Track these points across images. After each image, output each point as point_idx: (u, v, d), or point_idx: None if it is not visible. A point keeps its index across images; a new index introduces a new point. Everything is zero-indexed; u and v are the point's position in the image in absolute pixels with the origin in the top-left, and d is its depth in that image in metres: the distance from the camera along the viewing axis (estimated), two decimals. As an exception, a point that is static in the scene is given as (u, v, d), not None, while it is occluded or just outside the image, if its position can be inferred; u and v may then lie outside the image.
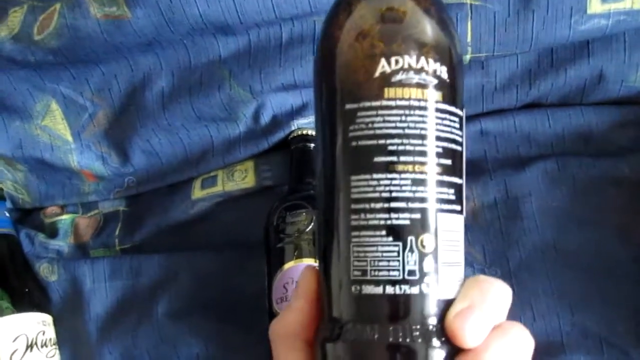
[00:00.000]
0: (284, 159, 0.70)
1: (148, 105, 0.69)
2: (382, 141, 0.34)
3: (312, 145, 0.68)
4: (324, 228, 0.36)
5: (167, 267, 0.69)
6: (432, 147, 0.34)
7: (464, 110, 0.36)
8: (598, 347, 0.58)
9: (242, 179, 0.71)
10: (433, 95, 0.34)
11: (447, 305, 0.34)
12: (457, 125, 0.35)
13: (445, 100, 0.34)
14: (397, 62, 0.34)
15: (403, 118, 0.33)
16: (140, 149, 0.71)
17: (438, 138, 0.34)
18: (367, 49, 0.34)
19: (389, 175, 0.33)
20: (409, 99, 0.34)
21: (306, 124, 0.69)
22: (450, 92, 0.35)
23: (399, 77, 0.34)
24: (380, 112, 0.34)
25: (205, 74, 0.67)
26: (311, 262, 0.60)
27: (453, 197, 0.35)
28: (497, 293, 0.34)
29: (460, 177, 0.35)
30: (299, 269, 0.60)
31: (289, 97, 0.68)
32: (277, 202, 0.64)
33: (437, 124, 0.34)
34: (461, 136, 0.36)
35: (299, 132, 0.68)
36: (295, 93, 0.68)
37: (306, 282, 0.36)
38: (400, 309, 0.33)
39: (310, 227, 0.61)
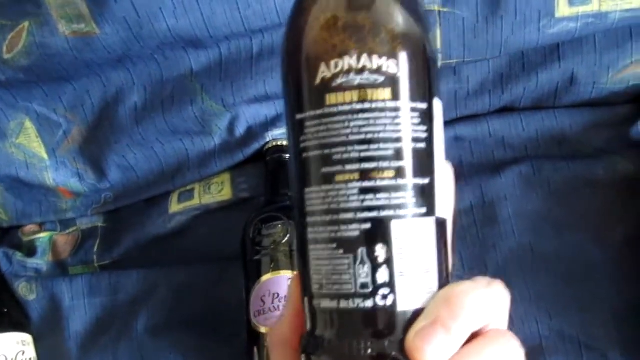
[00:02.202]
0: (259, 170, 0.70)
1: (122, 120, 0.69)
2: (327, 151, 0.32)
3: (288, 156, 0.67)
4: (295, 241, 0.35)
5: (145, 283, 0.69)
6: (380, 151, 0.31)
7: (432, 100, 0.33)
8: (577, 351, 0.58)
9: (218, 191, 0.70)
10: (380, 95, 0.31)
11: (412, 317, 0.31)
12: (417, 121, 0.32)
13: (397, 96, 0.31)
14: (336, 65, 0.31)
15: (346, 124, 0.31)
16: (116, 164, 0.71)
17: (388, 140, 0.31)
18: (307, 56, 0.33)
19: (336, 187, 0.32)
20: (351, 103, 0.31)
21: (281, 135, 0.68)
22: (405, 85, 0.32)
23: (340, 80, 0.31)
24: (324, 120, 0.32)
25: (177, 88, 0.67)
26: (288, 274, 0.60)
27: (413, 200, 0.32)
28: (473, 306, 0.31)
29: (425, 176, 0.32)
30: (276, 281, 0.60)
31: (262, 108, 0.68)
32: (253, 215, 0.64)
33: (386, 124, 0.31)
34: (426, 131, 0.32)
35: (274, 143, 0.68)
36: (269, 104, 0.68)
37: (294, 289, 0.36)
38: (354, 323, 0.32)
39: (287, 238, 0.61)
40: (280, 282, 0.60)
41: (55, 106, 0.70)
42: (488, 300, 0.31)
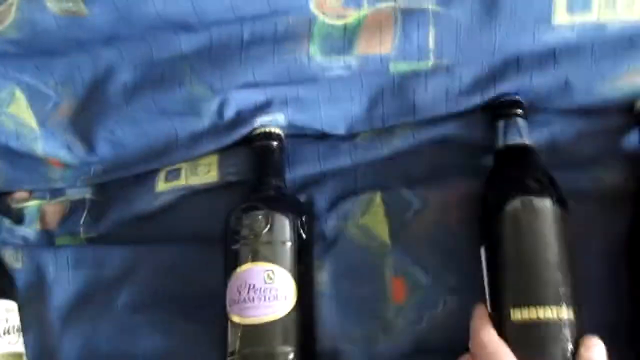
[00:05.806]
0: (248, 155, 0.69)
1: (111, 97, 0.68)
2: None
3: (275, 143, 0.67)
4: None
5: (128, 259, 0.70)
6: None
7: None
8: None
9: (205, 173, 0.70)
10: None
11: None
12: None
13: None
14: None
15: None
16: (105, 138, 0.70)
17: None
18: None
19: None
20: None
21: (269, 122, 0.67)
22: None
23: None
24: None
25: (167, 68, 0.67)
26: (267, 266, 0.60)
27: None
28: None
29: None
30: (254, 272, 0.60)
31: (251, 93, 0.67)
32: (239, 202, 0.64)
33: None
34: None
35: (262, 130, 0.67)
36: (258, 90, 0.67)
37: None
38: None
39: (267, 229, 0.61)
40: (258, 273, 0.60)
41: (45, 79, 0.69)
42: None
